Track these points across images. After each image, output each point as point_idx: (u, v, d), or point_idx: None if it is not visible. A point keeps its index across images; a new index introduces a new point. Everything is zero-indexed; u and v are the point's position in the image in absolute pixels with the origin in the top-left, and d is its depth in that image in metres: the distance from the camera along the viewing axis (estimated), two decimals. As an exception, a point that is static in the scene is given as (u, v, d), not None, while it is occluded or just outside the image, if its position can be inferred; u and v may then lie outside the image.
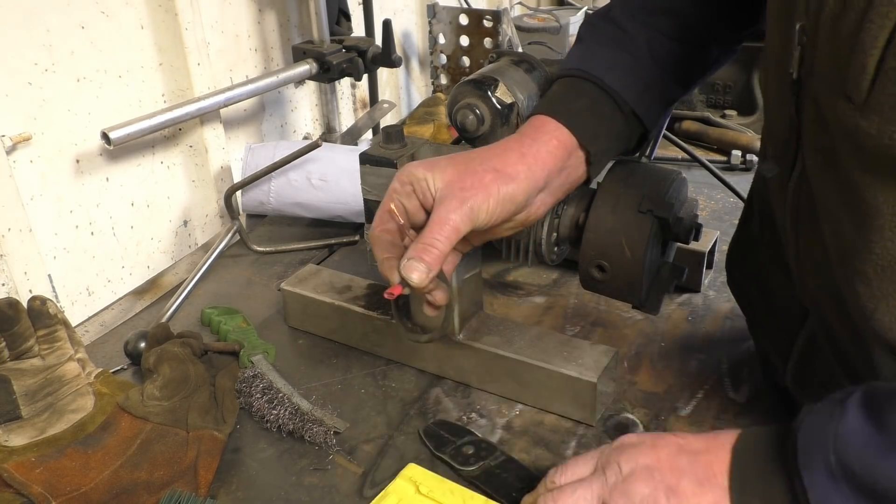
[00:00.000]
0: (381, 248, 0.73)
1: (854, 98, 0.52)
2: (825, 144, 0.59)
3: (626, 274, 0.79)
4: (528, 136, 0.75)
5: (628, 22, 0.81)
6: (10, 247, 0.98)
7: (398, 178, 0.73)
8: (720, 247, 1.12)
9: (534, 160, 0.73)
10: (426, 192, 0.72)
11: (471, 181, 0.70)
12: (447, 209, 0.69)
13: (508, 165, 0.72)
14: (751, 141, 1.51)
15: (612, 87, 0.78)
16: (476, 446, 0.80)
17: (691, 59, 0.84)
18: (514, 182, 0.71)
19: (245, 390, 0.89)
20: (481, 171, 0.71)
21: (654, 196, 0.78)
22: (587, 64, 0.80)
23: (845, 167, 0.57)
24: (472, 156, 0.74)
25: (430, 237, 0.69)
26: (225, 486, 0.79)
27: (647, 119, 0.81)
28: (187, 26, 1.17)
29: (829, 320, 0.67)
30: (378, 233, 0.74)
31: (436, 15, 1.72)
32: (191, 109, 1.18)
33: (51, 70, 1.03)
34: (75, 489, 0.76)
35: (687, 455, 0.61)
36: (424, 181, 0.71)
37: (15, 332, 0.86)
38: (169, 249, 1.27)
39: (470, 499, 0.72)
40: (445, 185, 0.71)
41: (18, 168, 1.01)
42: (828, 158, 0.59)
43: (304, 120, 1.57)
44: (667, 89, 0.83)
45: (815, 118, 0.60)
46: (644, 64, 0.80)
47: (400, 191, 0.73)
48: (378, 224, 0.74)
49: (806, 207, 0.65)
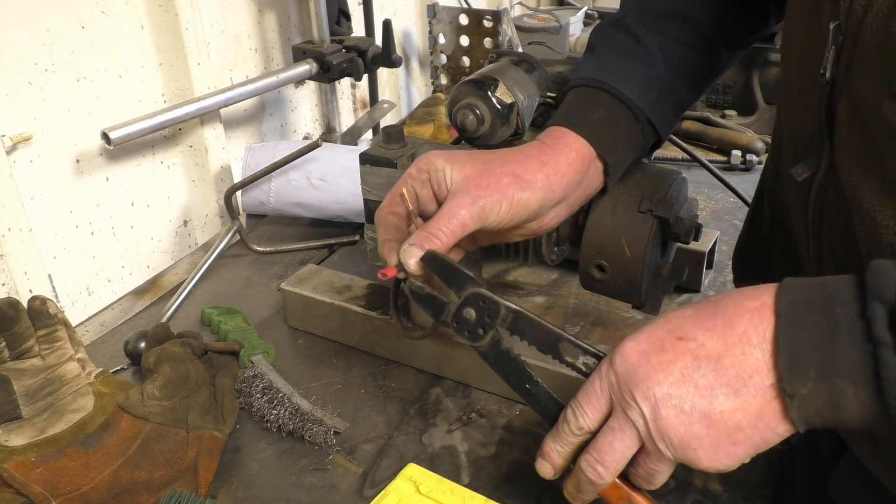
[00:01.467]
0: (385, 230, 0.73)
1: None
2: (863, 146, 0.58)
3: (626, 274, 0.79)
4: (549, 145, 0.75)
5: (640, 30, 0.81)
6: (10, 247, 0.98)
7: (416, 165, 0.73)
8: (720, 247, 1.12)
9: (553, 170, 0.73)
10: (441, 183, 0.72)
11: (487, 181, 0.70)
12: (459, 204, 0.69)
13: (527, 172, 0.72)
14: (751, 141, 1.51)
15: (627, 97, 0.78)
16: (476, 308, 0.68)
17: (703, 64, 0.84)
18: (531, 190, 0.71)
19: (245, 390, 0.89)
20: (499, 172, 0.71)
21: (654, 196, 0.79)
22: (602, 73, 0.79)
23: (887, 168, 0.56)
24: (493, 157, 0.74)
25: (435, 227, 0.69)
26: (225, 485, 0.79)
27: (662, 127, 0.81)
28: (187, 26, 1.17)
29: None
30: (385, 214, 0.73)
31: (436, 15, 1.72)
32: (191, 109, 1.18)
33: (51, 70, 1.03)
34: (75, 489, 0.76)
35: (707, 363, 0.53)
36: (442, 172, 0.71)
37: (15, 332, 0.86)
38: (169, 249, 1.27)
39: (470, 499, 0.72)
40: (462, 179, 0.71)
41: (18, 168, 1.01)
42: (866, 160, 0.58)
43: (304, 120, 1.57)
44: (680, 96, 0.83)
45: (851, 119, 0.59)
46: (658, 72, 0.80)
47: (416, 177, 0.73)
48: (387, 206, 0.74)
49: (832, 209, 0.64)
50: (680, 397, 0.54)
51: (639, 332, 0.58)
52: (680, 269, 0.85)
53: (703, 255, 1.06)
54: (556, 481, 0.74)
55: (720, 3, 0.82)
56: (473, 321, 0.68)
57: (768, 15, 0.84)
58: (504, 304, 0.67)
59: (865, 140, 0.57)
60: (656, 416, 0.55)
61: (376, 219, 0.74)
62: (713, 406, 0.53)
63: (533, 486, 0.77)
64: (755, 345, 0.52)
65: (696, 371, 0.54)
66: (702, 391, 0.53)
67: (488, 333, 0.68)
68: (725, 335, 0.53)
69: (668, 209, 0.78)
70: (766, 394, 0.52)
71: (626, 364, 0.57)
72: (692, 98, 0.85)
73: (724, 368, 0.53)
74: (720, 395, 0.53)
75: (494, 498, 0.73)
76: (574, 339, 0.65)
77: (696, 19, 0.82)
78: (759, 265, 0.86)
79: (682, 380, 0.54)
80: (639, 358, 0.57)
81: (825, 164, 0.63)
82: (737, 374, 0.52)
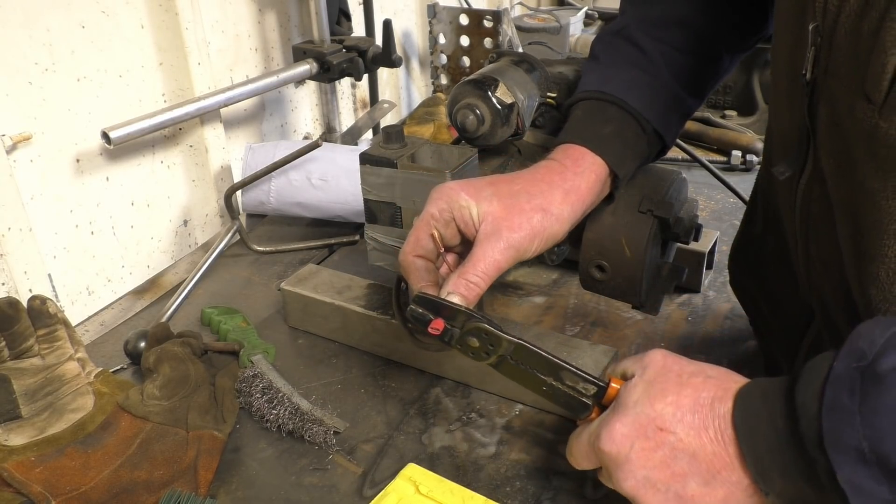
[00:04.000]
0: (416, 276, 0.72)
1: (873, 98, 0.52)
2: (839, 147, 0.59)
3: (626, 274, 0.79)
4: (570, 168, 0.75)
5: (644, 39, 0.81)
6: (10, 246, 0.98)
7: (436, 203, 0.72)
8: (720, 247, 1.12)
9: (576, 198, 0.74)
10: (468, 222, 0.71)
11: (518, 221, 0.70)
12: (494, 248, 0.69)
13: (554, 205, 0.72)
14: (751, 141, 1.51)
15: (635, 109, 0.78)
16: (479, 338, 0.70)
17: (706, 70, 0.84)
18: (559, 223, 0.72)
19: (245, 390, 0.89)
20: (528, 209, 0.71)
21: (654, 196, 0.79)
22: (608, 86, 0.80)
23: (860, 170, 0.56)
24: (516, 189, 0.73)
25: (472, 273, 0.69)
26: (225, 485, 0.79)
27: (668, 136, 0.82)
28: (188, 26, 1.17)
29: (838, 322, 0.67)
30: (412, 259, 0.72)
31: (436, 15, 1.72)
32: (191, 109, 1.18)
33: (51, 69, 1.03)
34: (75, 489, 0.76)
35: (683, 456, 0.59)
36: (467, 210, 0.71)
37: (15, 332, 0.86)
38: (169, 249, 1.27)
39: (470, 499, 0.72)
40: (492, 220, 0.70)
41: (18, 167, 1.01)
42: (842, 161, 0.59)
43: (305, 120, 1.57)
44: (684, 104, 0.83)
45: (829, 120, 0.60)
46: (663, 82, 0.80)
47: (438, 218, 0.72)
48: (411, 250, 0.72)
49: (818, 209, 0.65)
50: (658, 480, 0.60)
51: (625, 413, 0.62)
52: (680, 270, 0.85)
53: (703, 255, 1.06)
54: (557, 482, 0.74)
55: (720, 8, 0.82)
56: (477, 347, 0.70)
57: (768, 17, 0.84)
58: (506, 338, 0.69)
59: (843, 141, 0.58)
60: (636, 495, 0.61)
61: (402, 265, 0.73)
62: (686, 490, 0.59)
63: (533, 486, 0.77)
64: (724, 446, 0.58)
65: (674, 461, 0.60)
66: (677, 477, 0.60)
67: (492, 355, 0.70)
68: (700, 434, 0.59)
69: (668, 209, 0.78)
70: (737, 487, 0.58)
71: (612, 446, 0.62)
72: (696, 104, 0.86)
73: (698, 462, 0.59)
74: (692, 481, 0.59)
75: (494, 498, 0.73)
76: (574, 369, 0.68)
77: (696, 25, 0.82)
78: (752, 266, 0.86)
79: (661, 466, 0.60)
80: (623, 441, 0.61)
81: (811, 164, 0.64)
82: (708, 469, 0.59)
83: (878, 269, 0.57)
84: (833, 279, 0.65)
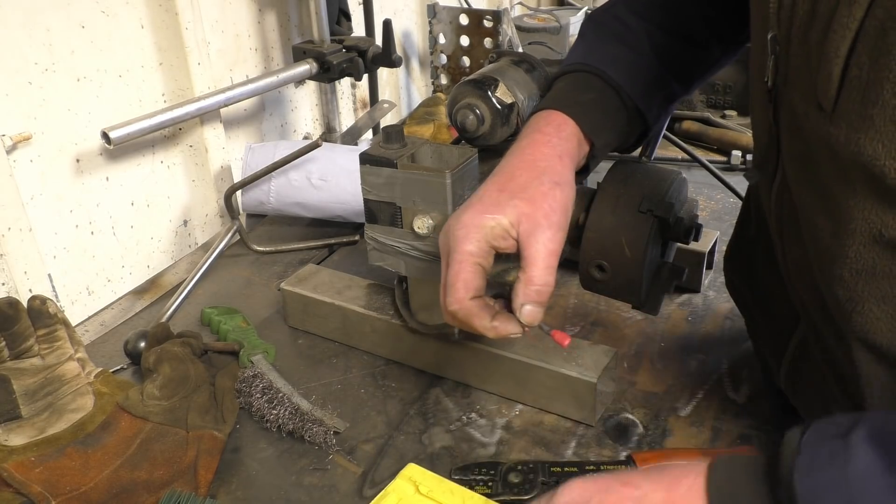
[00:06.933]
0: (480, 318, 0.70)
1: (824, 106, 0.53)
2: (801, 151, 0.60)
3: (626, 274, 0.79)
4: (555, 135, 0.75)
5: (630, 17, 0.82)
6: (10, 246, 0.98)
7: (467, 241, 0.69)
8: (720, 247, 1.12)
9: (569, 160, 0.74)
10: (505, 236, 0.69)
11: (549, 204, 0.69)
12: (544, 242, 0.68)
13: (561, 174, 0.72)
14: (751, 141, 1.51)
15: (616, 81, 0.78)
16: (520, 473, 0.76)
17: (693, 57, 0.84)
18: (570, 187, 0.73)
19: (245, 390, 0.89)
20: (548, 190, 0.70)
21: (654, 196, 0.78)
22: (591, 58, 0.80)
23: (820, 174, 0.57)
24: (523, 180, 0.71)
25: (538, 279, 0.68)
26: (225, 485, 0.79)
27: (650, 115, 0.81)
28: (187, 26, 1.17)
29: (817, 322, 0.67)
30: (468, 305, 0.69)
31: (436, 15, 1.72)
32: (191, 109, 1.18)
33: (51, 69, 1.03)
34: (75, 489, 0.76)
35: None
36: (498, 226, 0.69)
37: (15, 332, 0.86)
38: (169, 249, 1.27)
39: (469, 499, 0.72)
40: (526, 219, 0.69)
41: (18, 167, 1.01)
42: (804, 165, 0.60)
43: (304, 120, 1.57)
44: (668, 87, 0.83)
45: (791, 126, 0.61)
46: (646, 60, 0.80)
47: (478, 254, 0.69)
48: (462, 296, 0.69)
49: (788, 213, 0.66)
50: None
51: (589, 477, 0.58)
52: (680, 270, 0.85)
53: (703, 255, 1.06)
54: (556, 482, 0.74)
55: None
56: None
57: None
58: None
59: (803, 145, 0.59)
60: None
61: (460, 315, 0.70)
62: None
63: (533, 486, 0.77)
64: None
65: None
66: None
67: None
68: (671, 489, 0.53)
69: (668, 209, 0.78)
70: None
71: (567, 498, 0.56)
72: (681, 90, 0.85)
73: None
74: None
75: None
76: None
77: (684, 8, 0.82)
78: (745, 268, 0.86)
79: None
80: (581, 494, 0.56)
81: (781, 170, 0.65)
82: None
83: (842, 270, 0.58)
84: (806, 281, 0.66)
